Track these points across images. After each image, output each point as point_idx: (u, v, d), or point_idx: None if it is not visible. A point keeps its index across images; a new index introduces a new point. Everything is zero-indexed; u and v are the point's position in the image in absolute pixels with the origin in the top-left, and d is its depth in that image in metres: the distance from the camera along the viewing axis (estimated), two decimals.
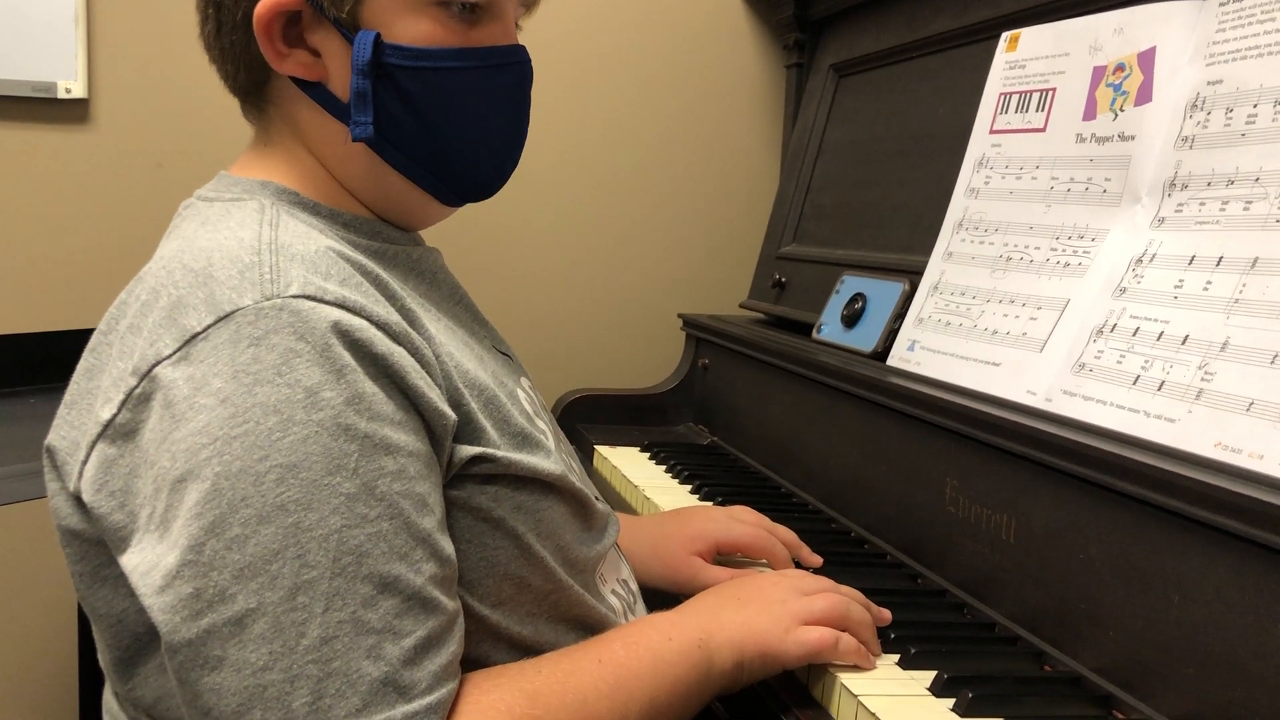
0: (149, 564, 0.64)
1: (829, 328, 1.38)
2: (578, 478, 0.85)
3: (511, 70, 0.83)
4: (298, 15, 0.77)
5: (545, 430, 0.85)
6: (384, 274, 0.75)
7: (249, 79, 0.80)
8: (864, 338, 1.29)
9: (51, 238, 1.62)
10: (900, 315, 1.24)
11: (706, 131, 1.98)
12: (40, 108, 1.59)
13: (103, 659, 0.75)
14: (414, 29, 0.77)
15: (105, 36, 1.62)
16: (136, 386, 0.67)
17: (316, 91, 0.79)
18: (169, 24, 1.63)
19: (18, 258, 1.61)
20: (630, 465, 1.46)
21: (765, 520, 1.07)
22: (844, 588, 0.90)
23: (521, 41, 0.85)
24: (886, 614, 0.92)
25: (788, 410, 1.41)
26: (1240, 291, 0.84)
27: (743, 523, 1.05)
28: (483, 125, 0.83)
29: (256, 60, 0.78)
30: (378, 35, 0.76)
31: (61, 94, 1.58)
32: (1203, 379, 0.84)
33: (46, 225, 1.62)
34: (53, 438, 0.74)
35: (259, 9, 0.75)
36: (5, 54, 1.55)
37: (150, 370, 0.66)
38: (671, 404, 1.76)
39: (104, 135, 1.64)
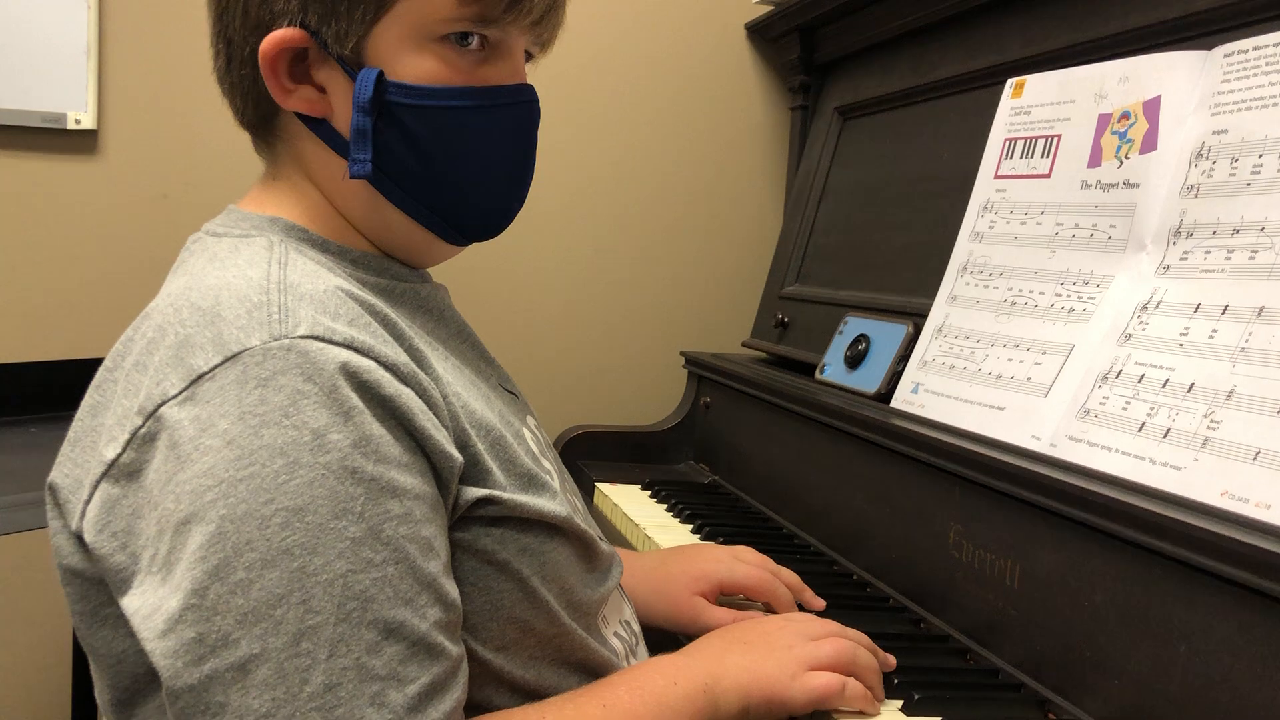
0: (151, 607, 0.63)
1: (832, 368, 1.38)
2: (582, 518, 0.85)
3: (517, 109, 0.82)
4: (304, 52, 0.77)
5: (551, 470, 0.84)
6: (392, 313, 0.74)
7: (257, 114, 0.81)
8: (867, 379, 1.29)
9: (58, 267, 1.63)
10: (904, 357, 1.24)
11: (711, 171, 1.99)
12: (50, 138, 1.60)
13: (101, 698, 0.74)
14: (418, 67, 0.77)
15: (115, 68, 1.63)
16: (141, 426, 0.66)
17: (321, 128, 0.79)
18: (178, 57, 1.65)
19: (24, 286, 1.61)
20: (631, 503, 1.45)
21: (769, 562, 1.06)
22: (851, 631, 0.89)
23: (529, 81, 0.85)
24: (891, 659, 0.91)
25: (790, 451, 1.40)
26: (1246, 340, 0.85)
27: (746, 564, 1.04)
28: (487, 164, 0.82)
29: (264, 95, 0.78)
30: (380, 73, 0.75)
31: (71, 125, 1.59)
32: (1209, 427, 0.84)
33: (53, 254, 1.63)
34: (55, 475, 0.73)
35: (265, 44, 0.75)
36: (17, 85, 1.56)
37: (156, 410, 0.65)
38: (673, 442, 1.76)
39: (112, 166, 1.65)
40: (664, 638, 1.04)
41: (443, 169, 0.80)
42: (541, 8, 0.78)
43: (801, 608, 1.04)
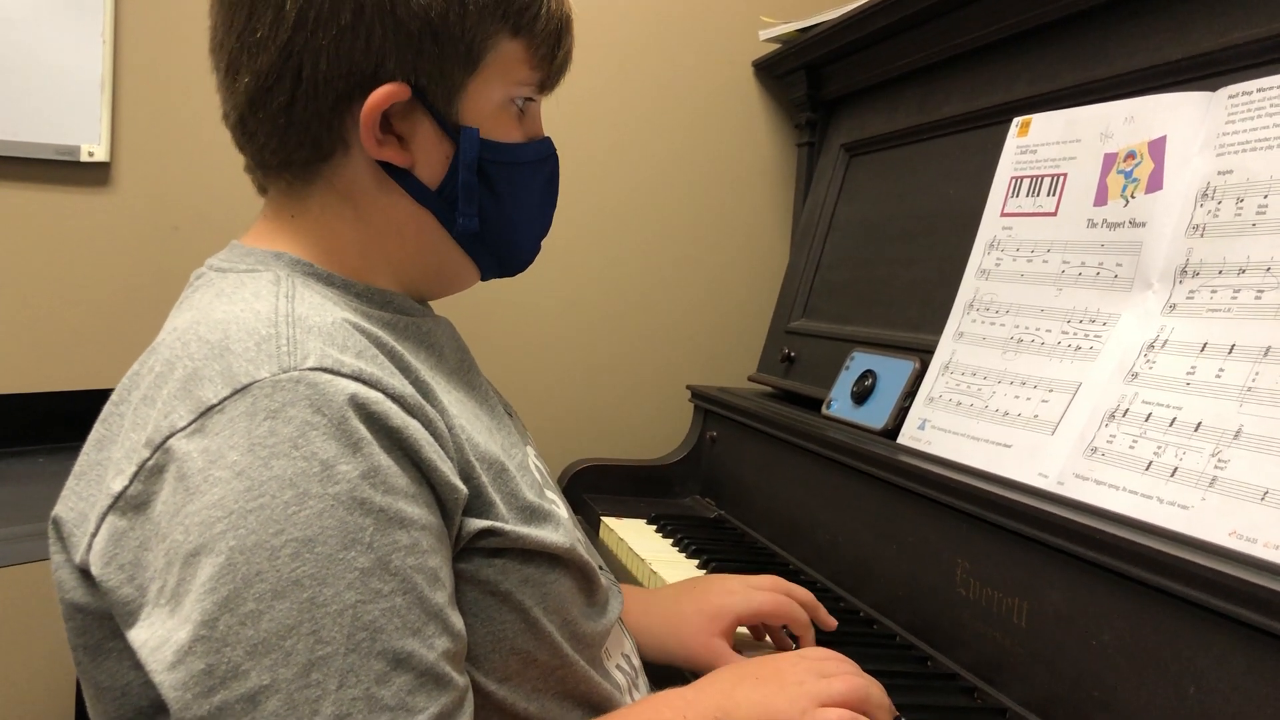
0: (159, 639, 0.63)
1: (839, 404, 1.39)
2: (584, 549, 0.85)
3: (552, 160, 0.89)
4: (392, 103, 0.78)
5: (556, 500, 0.85)
6: (398, 346, 0.75)
7: (311, 154, 0.79)
8: (874, 415, 1.29)
9: (70, 297, 1.64)
10: (911, 393, 1.25)
11: (718, 207, 2.01)
12: (63, 170, 1.62)
13: None
14: (498, 127, 0.82)
15: (129, 102, 1.65)
16: (150, 458, 0.66)
17: (405, 179, 0.80)
18: (191, 91, 1.66)
19: (36, 317, 1.62)
20: (637, 538, 1.45)
21: (781, 582, 1.06)
22: (858, 676, 0.88)
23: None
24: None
25: (796, 485, 1.40)
26: (1253, 380, 0.85)
27: (760, 590, 1.04)
28: (535, 211, 0.89)
29: (330, 139, 0.78)
30: (478, 132, 0.80)
31: (84, 157, 1.61)
32: (1216, 466, 0.84)
33: (65, 285, 1.64)
34: (60, 509, 0.73)
35: (376, 97, 0.76)
36: (31, 117, 1.58)
37: (164, 442, 0.66)
38: (678, 476, 1.76)
39: (124, 198, 1.66)
40: (671, 672, 1.04)
41: (510, 216, 0.86)
42: (564, 75, 0.88)
43: (816, 629, 1.05)
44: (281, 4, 0.75)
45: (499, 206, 0.84)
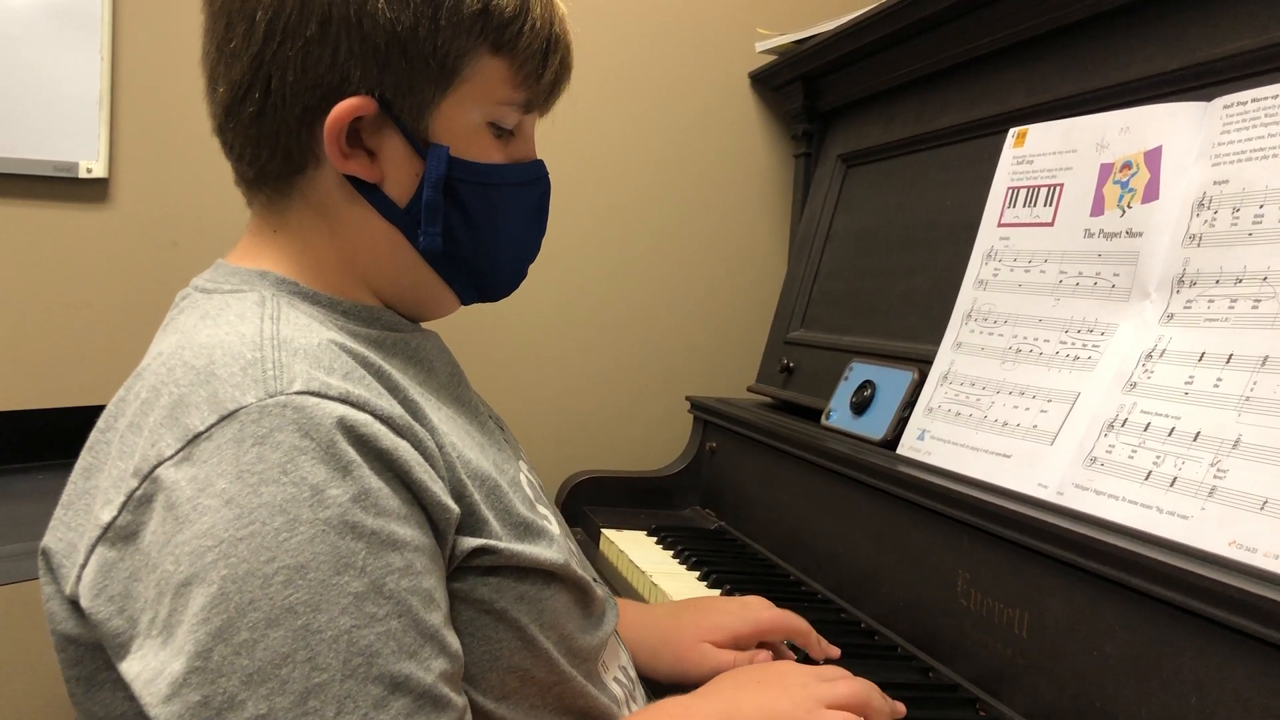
0: (153, 671, 0.62)
1: (838, 414, 1.39)
2: (578, 562, 0.85)
3: (540, 184, 0.87)
4: (359, 117, 0.77)
5: (549, 515, 0.85)
6: (385, 365, 0.74)
7: (283, 167, 0.79)
8: (873, 425, 1.29)
9: (68, 313, 1.64)
10: (910, 404, 1.25)
11: (716, 218, 2.01)
12: (62, 187, 1.62)
13: None
14: (473, 145, 0.81)
15: (127, 118, 1.65)
16: (138, 488, 0.65)
17: (374, 194, 0.80)
18: (189, 107, 1.66)
19: (35, 333, 1.62)
20: (637, 550, 1.45)
21: (782, 614, 1.05)
22: (860, 680, 0.88)
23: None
24: (901, 707, 0.90)
25: (796, 496, 1.40)
26: (1251, 389, 0.85)
27: (757, 615, 1.04)
28: (517, 235, 0.87)
29: (300, 151, 0.78)
30: (447, 150, 0.79)
31: (83, 174, 1.61)
32: (1215, 476, 0.84)
33: (64, 301, 1.64)
34: (48, 540, 0.72)
35: (340, 110, 0.75)
36: (29, 134, 1.58)
37: (152, 471, 0.65)
38: (678, 487, 1.75)
39: (122, 214, 1.66)
40: (668, 690, 1.04)
41: (486, 240, 0.84)
42: (559, 96, 0.86)
43: (814, 660, 1.04)
44: (254, 15, 0.75)
45: (471, 228, 0.82)
